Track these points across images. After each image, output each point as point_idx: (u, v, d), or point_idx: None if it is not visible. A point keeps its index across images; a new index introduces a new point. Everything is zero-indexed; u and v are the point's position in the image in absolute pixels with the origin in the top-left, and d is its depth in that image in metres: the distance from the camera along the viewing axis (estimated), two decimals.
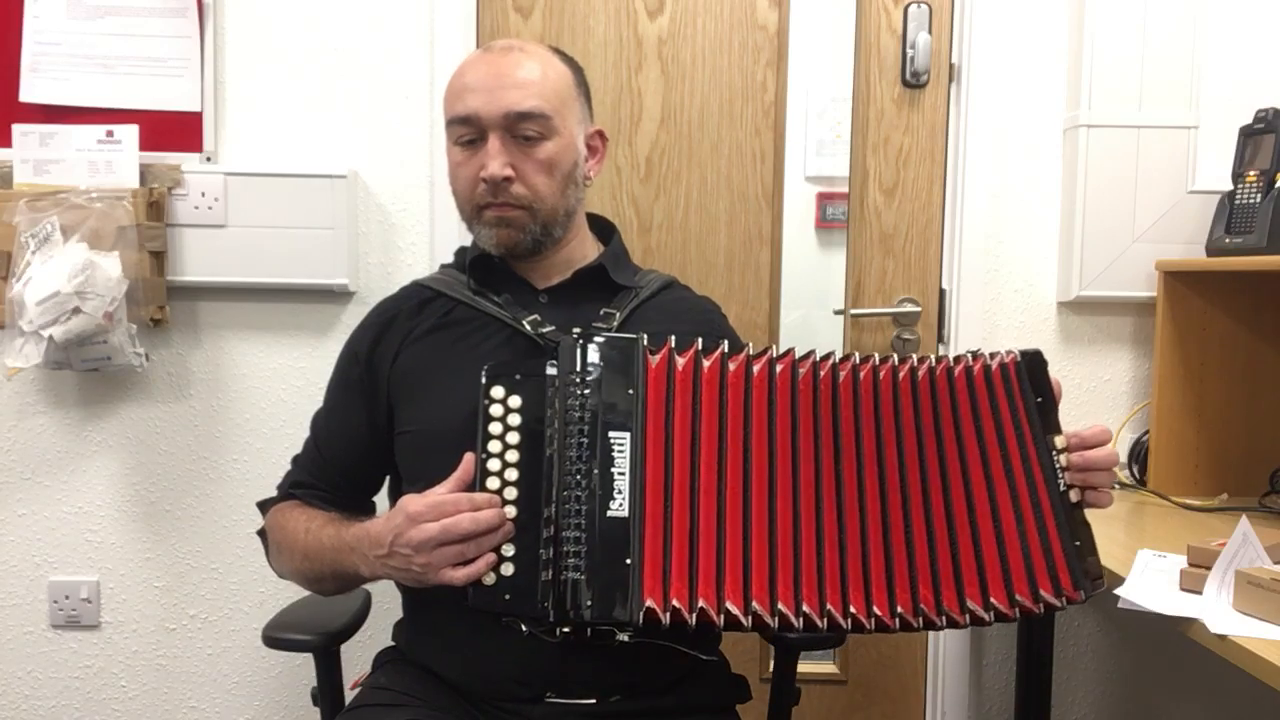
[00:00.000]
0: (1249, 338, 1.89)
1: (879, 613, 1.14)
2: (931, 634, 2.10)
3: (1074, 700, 2.10)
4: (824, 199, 2.27)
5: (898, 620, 1.14)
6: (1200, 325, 1.88)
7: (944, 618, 1.14)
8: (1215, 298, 1.88)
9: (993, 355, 1.21)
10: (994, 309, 2.04)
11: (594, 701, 1.27)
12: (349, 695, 1.47)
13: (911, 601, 1.14)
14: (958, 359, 1.20)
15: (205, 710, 2.08)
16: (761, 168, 2.05)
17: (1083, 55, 1.95)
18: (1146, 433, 1.95)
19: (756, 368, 1.18)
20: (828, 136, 2.23)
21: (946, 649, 2.08)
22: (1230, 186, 1.86)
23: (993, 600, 1.14)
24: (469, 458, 1.16)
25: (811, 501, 1.15)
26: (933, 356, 1.21)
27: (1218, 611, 1.18)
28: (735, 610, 1.11)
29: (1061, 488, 1.18)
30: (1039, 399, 1.19)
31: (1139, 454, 1.96)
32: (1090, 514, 1.22)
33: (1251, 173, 1.82)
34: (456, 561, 1.12)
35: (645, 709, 1.29)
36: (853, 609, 1.13)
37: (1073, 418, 2.03)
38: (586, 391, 1.15)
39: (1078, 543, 1.17)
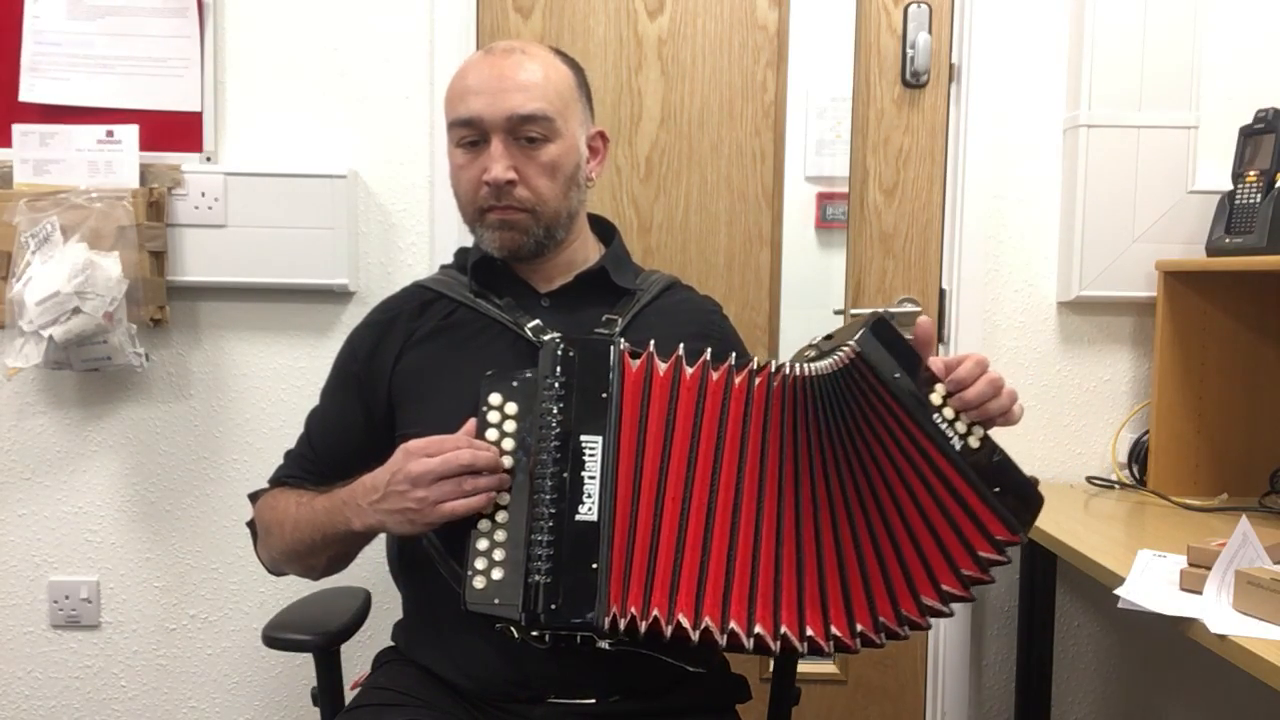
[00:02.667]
0: (1249, 338, 1.89)
1: (838, 633, 1.12)
2: (931, 634, 2.10)
3: (1074, 700, 2.10)
4: (824, 199, 2.27)
5: (859, 640, 1.13)
6: (1200, 325, 1.89)
7: (906, 626, 1.13)
8: (1215, 298, 1.88)
9: (837, 348, 1.14)
10: (994, 309, 2.04)
11: (593, 701, 1.27)
12: (348, 695, 1.47)
13: (871, 618, 1.13)
14: (802, 359, 1.16)
15: (205, 710, 2.08)
16: (761, 168, 2.05)
17: (1083, 55, 1.95)
18: (1146, 433, 1.95)
19: (738, 379, 1.17)
20: (828, 136, 2.23)
21: (946, 649, 2.08)
22: (1230, 186, 1.86)
23: (945, 588, 1.12)
24: (471, 422, 1.18)
25: (773, 517, 1.15)
26: (797, 365, 1.16)
27: (1218, 611, 1.18)
28: (686, 624, 1.12)
29: (957, 445, 1.12)
30: (896, 374, 1.11)
31: (1139, 454, 1.96)
32: (1089, 514, 1.22)
33: (1251, 173, 1.82)
34: (454, 496, 1.13)
35: (645, 709, 1.29)
36: (810, 631, 1.12)
37: (1073, 417, 2.04)
38: (563, 395, 1.15)
39: (996, 489, 1.12)
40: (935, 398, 1.13)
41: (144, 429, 2.03)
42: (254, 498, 1.45)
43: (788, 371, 1.16)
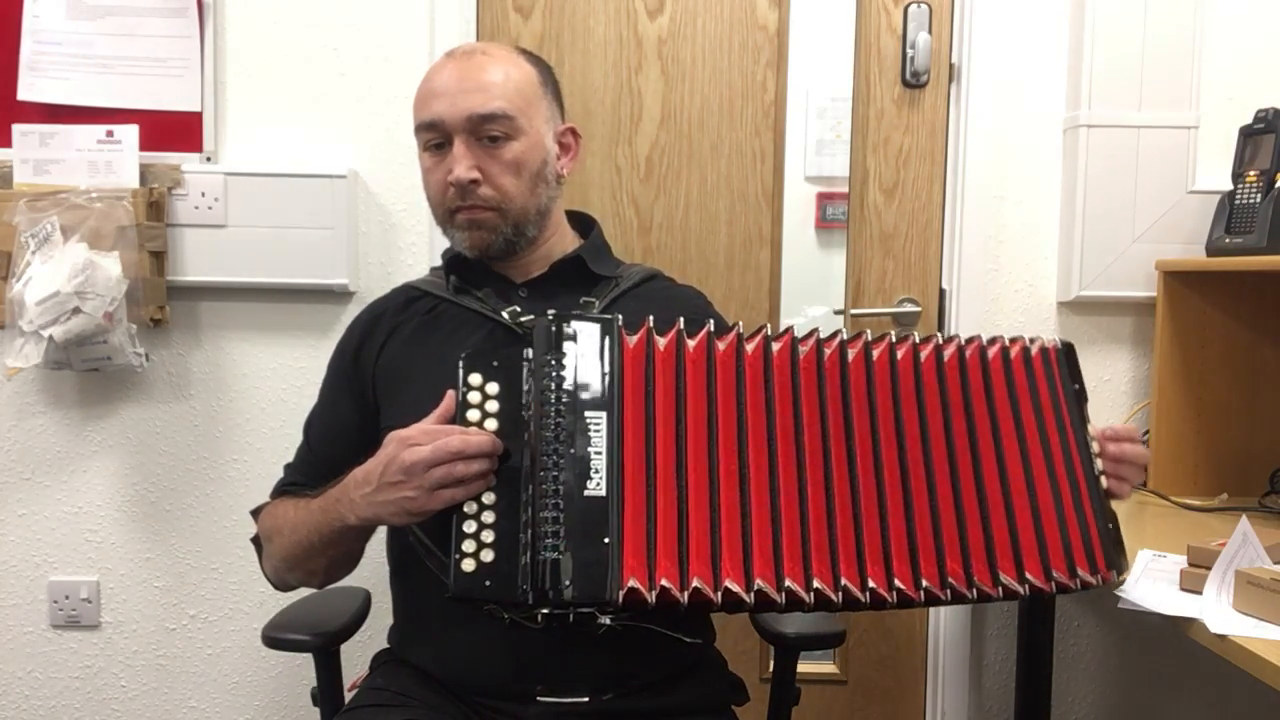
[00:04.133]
0: (1249, 338, 1.89)
1: (901, 585, 1.11)
2: (931, 634, 2.10)
3: (1074, 700, 2.10)
4: (824, 199, 2.27)
5: (923, 593, 1.12)
6: (1200, 325, 1.89)
7: (974, 590, 1.13)
8: (1215, 298, 1.88)
9: (1032, 340, 1.23)
10: (994, 309, 2.03)
11: (587, 700, 1.27)
12: (347, 696, 1.47)
13: (938, 573, 1.12)
14: (993, 340, 1.22)
15: (205, 710, 2.08)
16: (761, 168, 2.05)
17: (1083, 55, 1.95)
18: (1146, 433, 1.95)
19: (750, 347, 1.18)
20: (828, 136, 2.23)
21: (947, 650, 2.08)
22: (1230, 186, 1.86)
23: (1028, 575, 1.14)
24: (450, 395, 1.17)
25: (821, 478, 1.14)
26: (962, 336, 1.21)
27: (1218, 611, 1.18)
28: (736, 588, 1.09)
29: (1097, 472, 1.21)
30: (1076, 386, 1.22)
31: None
32: None
33: (1251, 173, 1.82)
34: (449, 483, 1.12)
35: (640, 709, 1.29)
36: (871, 582, 1.11)
37: None
38: (562, 372, 1.14)
39: (1110, 525, 1.20)
40: (1090, 429, 1.23)
41: (144, 429, 2.03)
42: (256, 513, 1.45)
43: (941, 344, 1.20)
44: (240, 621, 2.05)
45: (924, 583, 1.12)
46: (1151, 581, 1.29)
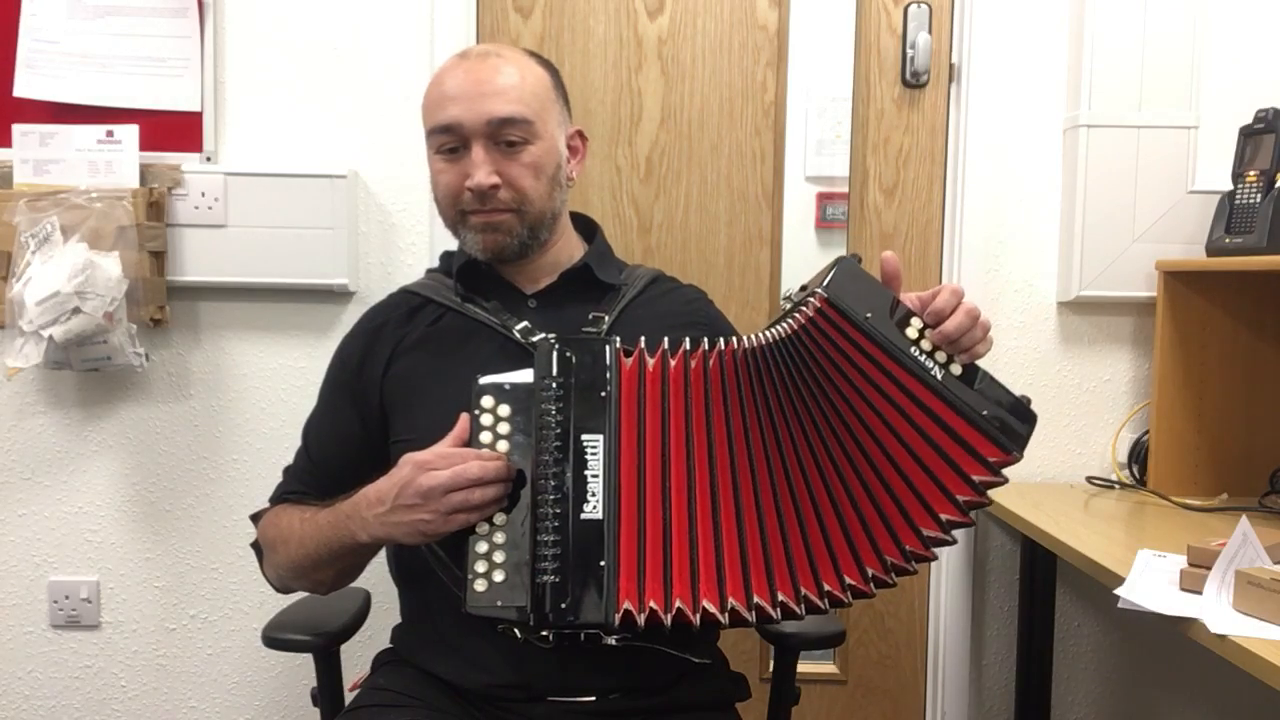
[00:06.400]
0: (1249, 338, 1.89)
1: (852, 582, 1.16)
2: (931, 634, 2.10)
3: (1074, 700, 2.10)
4: (824, 199, 2.27)
5: (872, 583, 1.16)
6: (1200, 325, 1.88)
7: (911, 562, 1.16)
8: (1215, 298, 1.88)
9: (805, 302, 1.15)
10: (994, 309, 2.03)
11: (593, 699, 1.27)
12: (347, 697, 1.47)
13: (878, 558, 1.15)
14: (786, 318, 1.16)
15: (205, 710, 2.08)
16: (761, 168, 2.05)
17: (1083, 55, 1.95)
18: (1146, 433, 1.95)
19: (712, 361, 1.18)
20: (828, 136, 2.23)
21: (947, 650, 2.08)
22: (1230, 186, 1.86)
23: (942, 516, 1.15)
24: (464, 418, 1.18)
25: (769, 491, 1.17)
26: (761, 333, 1.18)
27: (1218, 611, 1.18)
28: (712, 608, 1.13)
29: (939, 375, 1.14)
30: (867, 314, 1.13)
31: (1139, 454, 1.96)
32: (1089, 514, 1.22)
33: (1251, 173, 1.82)
34: (464, 509, 1.13)
35: (645, 707, 1.29)
36: (827, 586, 1.15)
37: (1073, 417, 2.04)
38: (561, 395, 1.16)
39: (985, 411, 1.14)
40: (911, 331, 1.15)
41: (144, 429, 2.03)
42: (256, 518, 1.44)
43: (749, 343, 1.18)
44: (240, 621, 2.05)
45: (870, 572, 1.16)
46: (1151, 581, 1.29)
